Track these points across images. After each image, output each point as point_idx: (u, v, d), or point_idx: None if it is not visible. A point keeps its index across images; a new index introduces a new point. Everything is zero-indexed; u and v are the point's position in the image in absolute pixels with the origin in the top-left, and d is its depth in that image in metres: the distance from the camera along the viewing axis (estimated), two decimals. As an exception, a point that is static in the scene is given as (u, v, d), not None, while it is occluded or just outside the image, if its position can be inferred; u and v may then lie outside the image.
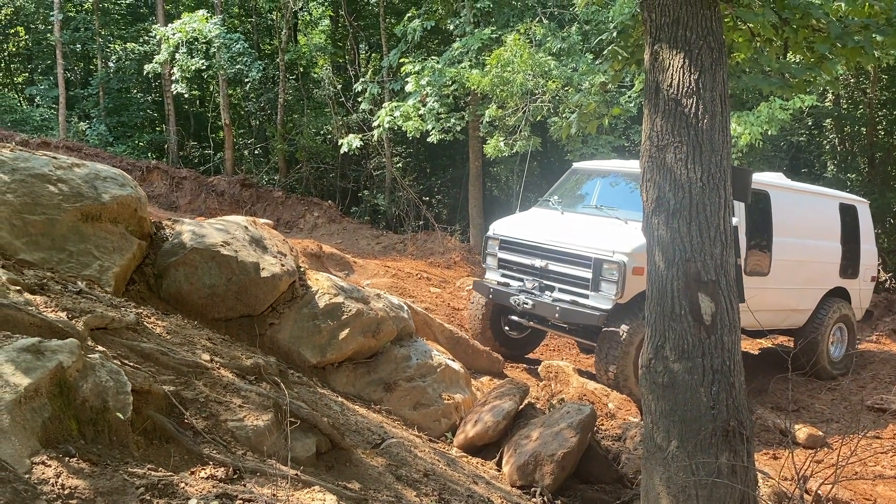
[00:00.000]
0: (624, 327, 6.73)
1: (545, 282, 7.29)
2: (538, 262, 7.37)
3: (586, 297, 6.96)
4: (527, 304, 7.22)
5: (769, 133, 11.64)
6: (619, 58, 4.47)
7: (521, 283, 7.51)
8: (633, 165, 8.62)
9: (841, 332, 9.11)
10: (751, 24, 3.96)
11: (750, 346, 10.01)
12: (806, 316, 8.70)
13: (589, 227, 7.39)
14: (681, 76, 3.49)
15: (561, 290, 7.15)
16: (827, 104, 17.70)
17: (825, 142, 19.22)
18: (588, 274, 6.93)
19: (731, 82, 3.84)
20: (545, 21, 13.35)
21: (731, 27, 4.09)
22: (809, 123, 18.09)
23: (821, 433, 7.01)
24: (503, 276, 7.78)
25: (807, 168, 19.61)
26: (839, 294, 8.96)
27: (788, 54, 4.72)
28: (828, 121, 18.24)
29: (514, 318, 7.94)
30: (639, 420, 6.22)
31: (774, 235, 7.93)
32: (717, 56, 3.51)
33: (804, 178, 19.03)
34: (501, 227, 8.05)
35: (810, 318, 8.70)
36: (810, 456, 6.07)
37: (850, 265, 9.07)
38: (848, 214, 9.14)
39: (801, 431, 6.93)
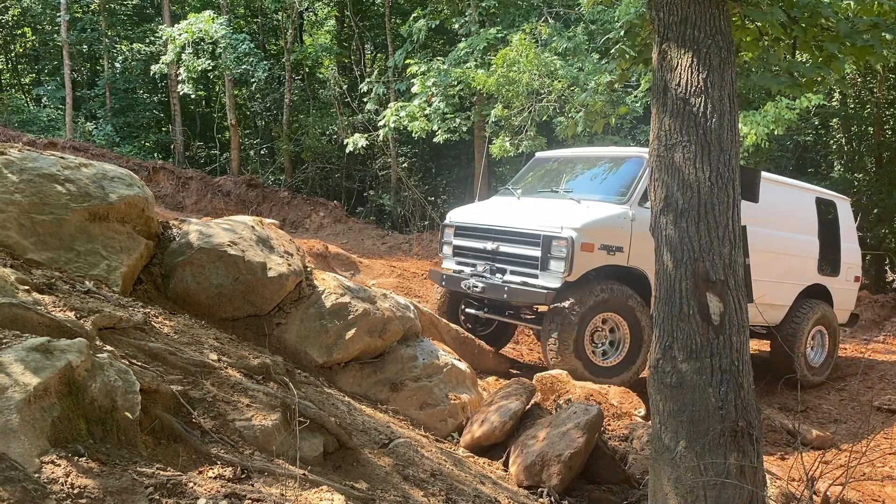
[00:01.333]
0: (570, 301, 6.58)
1: (497, 265, 7.14)
2: (490, 246, 7.24)
3: (536, 276, 6.83)
4: (476, 287, 7.06)
5: (775, 133, 11.62)
6: (627, 57, 4.46)
7: (473, 269, 7.38)
8: (593, 151, 8.51)
9: (821, 337, 8.70)
10: (759, 23, 3.95)
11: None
12: (782, 313, 8.34)
13: (542, 208, 7.29)
14: (689, 75, 3.48)
15: (512, 273, 7.01)
16: (834, 104, 17.65)
17: (832, 141, 19.16)
18: (537, 252, 6.78)
19: (739, 81, 3.83)
20: (551, 21, 13.34)
21: (739, 26, 4.08)
22: (816, 123, 18.04)
23: (829, 434, 6.98)
24: (458, 263, 7.65)
25: (813, 168, 19.55)
26: (819, 294, 8.59)
27: (797, 53, 4.69)
28: (835, 120, 18.18)
29: (471, 311, 7.76)
30: (643, 412, 6.22)
31: (749, 224, 7.74)
32: (725, 55, 3.50)
33: (810, 178, 18.97)
34: (456, 215, 7.93)
35: (787, 317, 8.34)
36: (818, 457, 6.05)
37: (829, 261, 8.73)
38: (826, 209, 8.85)
39: (810, 432, 6.91)
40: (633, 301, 6.84)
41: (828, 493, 4.62)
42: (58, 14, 19.60)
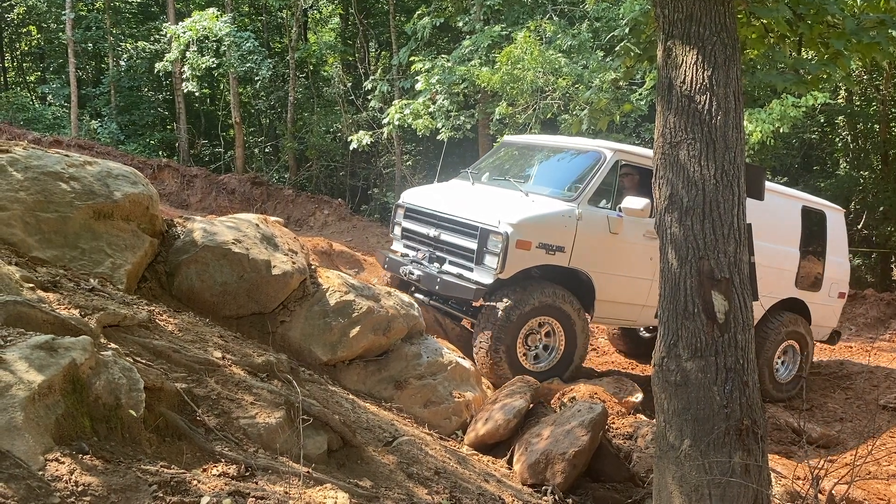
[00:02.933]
0: (504, 301, 6.28)
1: (437, 253, 6.86)
2: (432, 232, 6.93)
3: (471, 270, 6.50)
4: (412, 274, 6.79)
5: (781, 131, 11.57)
6: (632, 54, 4.45)
7: (415, 254, 7.09)
8: (558, 140, 8.12)
9: (792, 352, 8.09)
10: (764, 20, 3.93)
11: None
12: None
13: (488, 197, 6.94)
14: (694, 72, 3.47)
15: (451, 263, 6.71)
16: (839, 101, 17.58)
17: (837, 139, 19.09)
18: (475, 245, 6.45)
19: (744, 79, 3.81)
20: (555, 18, 13.31)
21: (745, 23, 4.06)
22: (822, 121, 17.97)
23: (834, 433, 6.96)
24: (405, 246, 7.35)
25: (819, 166, 19.49)
26: (794, 308, 8.02)
27: (802, 50, 4.66)
28: (840, 118, 18.11)
29: (420, 296, 7.32)
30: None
31: None
32: (730, 52, 3.48)
33: (816, 176, 18.94)
34: (408, 195, 7.63)
35: (755, 329, 7.89)
36: (824, 455, 6.03)
37: (809, 275, 8.18)
38: (813, 220, 8.30)
39: (815, 431, 6.89)
40: (571, 306, 6.55)
41: (833, 491, 4.60)
42: (63, 12, 19.63)
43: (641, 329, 9.02)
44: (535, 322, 6.47)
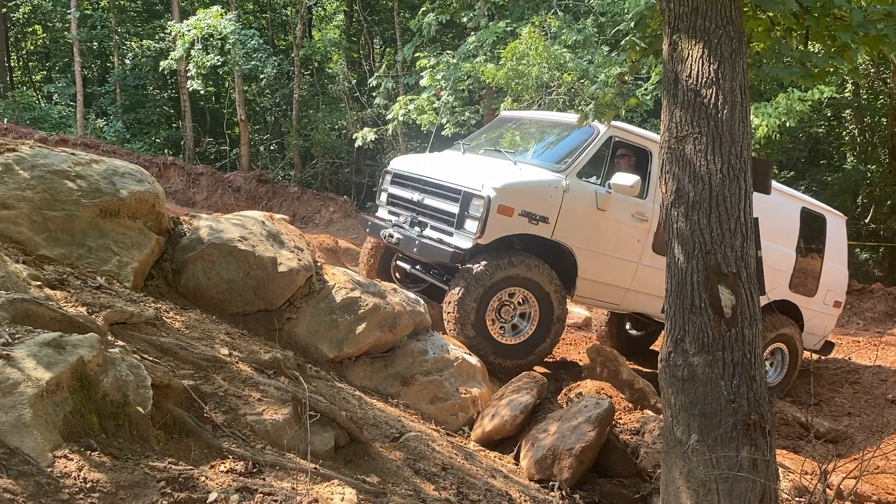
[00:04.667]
0: (481, 264, 6.11)
1: (420, 217, 6.73)
2: (416, 196, 6.82)
3: (451, 234, 6.37)
4: (392, 237, 6.70)
5: (787, 125, 11.52)
6: (637, 48, 4.43)
7: (398, 218, 7.00)
8: (555, 116, 8.04)
9: (781, 355, 7.89)
10: (771, 13, 3.91)
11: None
12: None
13: (476, 165, 6.84)
14: (700, 66, 3.45)
15: (432, 228, 6.58)
16: (846, 95, 17.49)
17: (845, 133, 19.00)
18: (456, 209, 6.32)
19: (750, 72, 3.79)
20: (560, 13, 13.27)
21: (751, 16, 4.03)
22: (828, 115, 17.89)
23: (842, 427, 6.94)
24: (389, 212, 7.24)
25: (826, 160, 19.41)
26: (786, 310, 7.77)
27: (809, 44, 4.62)
28: (847, 111, 18.02)
29: (402, 264, 7.32)
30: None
31: None
32: (736, 46, 3.46)
33: (823, 170, 18.86)
34: (397, 162, 7.55)
35: None
36: (832, 450, 6.02)
37: (804, 279, 7.96)
38: (812, 223, 8.13)
39: (822, 425, 6.87)
40: (550, 283, 6.36)
41: (841, 486, 4.59)
42: (68, 11, 19.68)
43: (629, 326, 8.93)
44: (510, 294, 6.28)
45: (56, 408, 2.34)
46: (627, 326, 8.97)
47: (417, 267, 7.12)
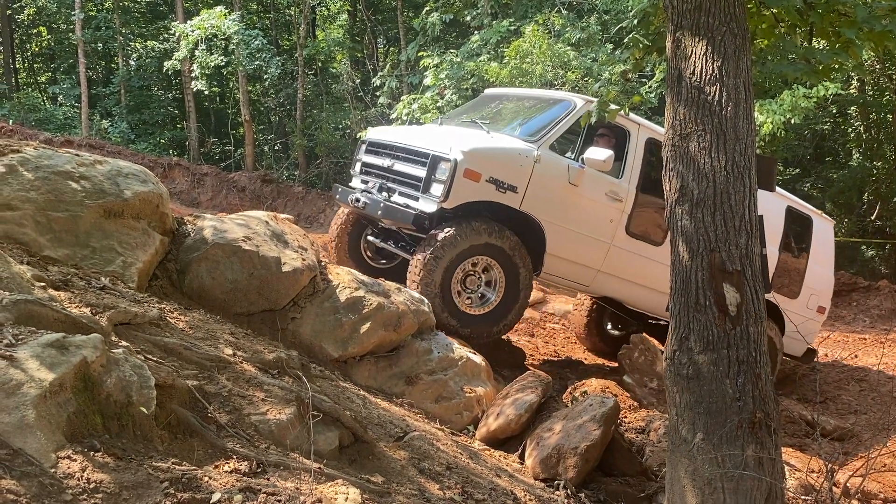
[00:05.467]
0: (447, 230, 5.98)
1: (389, 184, 6.61)
2: (386, 162, 6.72)
3: (417, 199, 6.25)
4: (358, 201, 6.62)
5: (792, 122, 11.48)
6: (640, 46, 4.41)
7: (367, 185, 6.91)
8: (536, 92, 7.97)
9: None
10: (775, 10, 3.89)
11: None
12: None
13: (449, 133, 6.73)
14: (703, 63, 3.44)
15: (400, 194, 6.46)
16: (851, 91, 17.41)
17: (850, 130, 18.92)
18: (423, 173, 6.21)
19: (754, 69, 3.77)
20: (564, 11, 13.25)
21: (754, 13, 4.02)
22: (834, 111, 17.81)
23: (849, 425, 6.91)
24: (362, 181, 7.12)
25: (831, 157, 19.33)
26: (769, 312, 7.63)
27: (813, 40, 4.59)
28: (853, 108, 17.95)
29: (372, 238, 7.21)
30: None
31: None
32: (740, 42, 3.45)
33: (829, 167, 18.78)
34: (372, 132, 7.48)
35: None
36: (838, 448, 5.99)
37: (787, 280, 7.83)
38: (798, 223, 8.05)
39: (829, 423, 6.84)
40: (517, 250, 6.24)
41: (848, 484, 4.57)
42: (72, 13, 19.74)
43: (609, 326, 8.83)
44: (474, 263, 6.17)
45: (59, 408, 2.34)
46: (608, 326, 8.82)
47: (389, 242, 6.98)
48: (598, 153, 6.31)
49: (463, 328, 6.13)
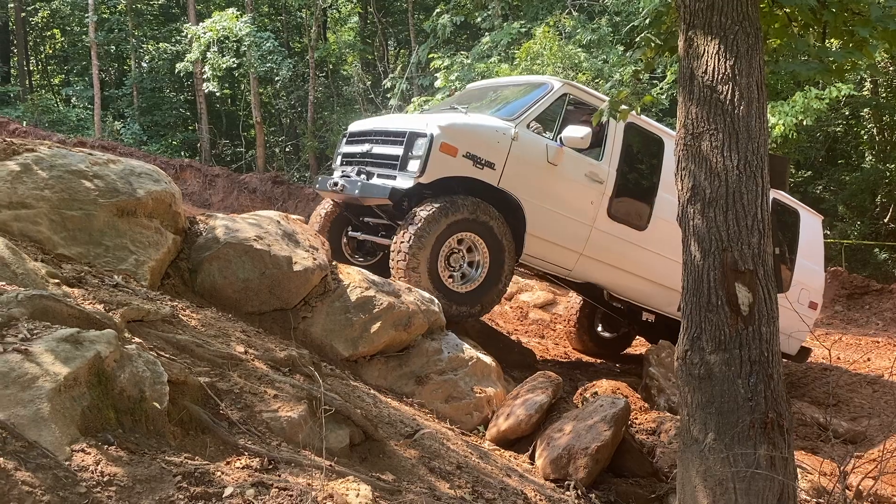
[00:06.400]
0: (430, 206, 5.92)
1: (367, 167, 6.56)
2: (365, 147, 6.72)
3: (394, 178, 6.21)
4: (336, 184, 6.59)
5: (804, 123, 11.43)
6: (652, 45, 4.41)
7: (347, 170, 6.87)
8: (517, 78, 7.95)
9: None
10: (787, 9, 3.88)
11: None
12: None
13: (426, 115, 6.75)
14: (716, 62, 3.43)
15: (379, 176, 6.40)
16: (865, 93, 17.31)
17: (863, 132, 18.81)
18: (401, 151, 6.20)
19: (766, 69, 3.76)
20: (574, 13, 13.24)
21: (767, 12, 4.00)
22: (846, 113, 17.71)
23: (861, 428, 6.86)
24: (342, 170, 7.06)
25: (844, 159, 19.22)
26: None
27: (826, 40, 4.57)
28: (866, 110, 17.84)
29: (353, 234, 7.16)
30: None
31: (661, 190, 6.96)
32: (753, 41, 3.44)
33: (841, 170, 18.67)
34: (354, 124, 7.46)
35: None
36: (850, 451, 5.95)
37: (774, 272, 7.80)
38: (784, 216, 8.03)
39: (841, 426, 6.79)
40: (499, 224, 6.18)
41: (860, 487, 4.53)
42: (86, 15, 19.90)
43: (601, 328, 8.77)
44: (458, 240, 6.09)
45: (74, 402, 2.36)
46: (599, 328, 8.76)
47: (371, 235, 6.92)
48: (577, 130, 6.29)
49: (451, 307, 6.03)
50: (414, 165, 6.06)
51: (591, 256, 6.74)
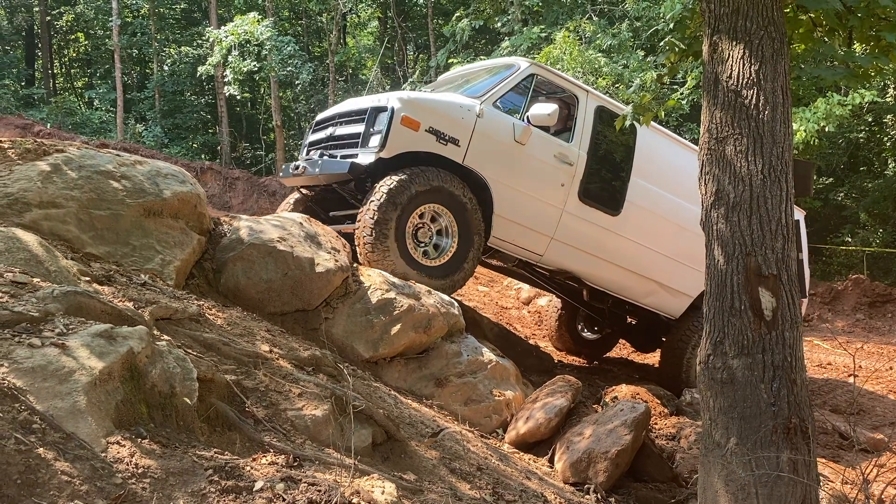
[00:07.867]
0: (394, 178, 5.78)
1: (330, 150, 6.44)
2: (329, 131, 6.62)
3: (356, 156, 6.04)
4: (297, 167, 6.48)
5: (826, 130, 11.35)
6: (676, 50, 4.41)
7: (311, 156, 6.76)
8: (490, 62, 7.87)
9: None
10: (812, 14, 3.87)
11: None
12: (684, 303, 7.16)
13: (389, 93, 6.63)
14: (741, 67, 3.43)
15: (342, 157, 6.24)
16: (888, 99, 17.16)
17: (886, 138, 18.64)
18: (362, 129, 6.09)
19: (791, 75, 3.76)
20: (595, 18, 13.25)
21: (792, 17, 4.00)
22: (869, 119, 17.56)
23: (883, 437, 6.80)
24: (307, 158, 6.92)
25: (866, 166, 19.05)
26: None
27: (853, 45, 4.56)
28: (889, 116, 17.68)
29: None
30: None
31: (634, 174, 6.83)
32: (778, 46, 3.44)
33: (864, 176, 18.50)
34: (320, 114, 7.35)
35: (689, 315, 7.15)
36: (872, 460, 5.90)
37: None
38: None
39: (863, 435, 6.74)
40: (463, 192, 6.04)
41: (882, 496, 4.50)
42: (109, 19, 20.16)
43: (584, 329, 8.70)
44: (421, 214, 5.97)
45: (108, 396, 2.41)
46: (580, 328, 8.67)
47: (328, 217, 6.74)
48: (543, 108, 6.19)
49: (420, 277, 5.90)
50: (375, 140, 5.94)
51: (562, 241, 6.59)
